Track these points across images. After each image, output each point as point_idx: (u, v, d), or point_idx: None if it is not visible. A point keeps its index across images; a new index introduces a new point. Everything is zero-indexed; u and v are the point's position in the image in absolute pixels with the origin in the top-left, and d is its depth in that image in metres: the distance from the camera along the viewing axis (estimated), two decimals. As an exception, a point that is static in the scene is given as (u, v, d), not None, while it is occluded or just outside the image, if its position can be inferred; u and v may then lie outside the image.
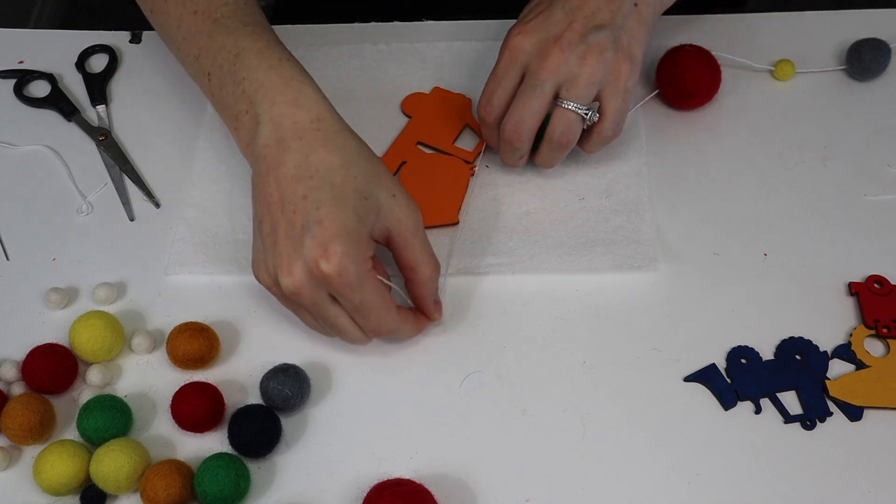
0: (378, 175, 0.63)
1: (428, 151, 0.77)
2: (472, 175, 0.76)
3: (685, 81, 0.77)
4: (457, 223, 0.73)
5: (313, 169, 0.61)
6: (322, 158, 0.62)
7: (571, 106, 0.68)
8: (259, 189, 0.63)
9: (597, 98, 0.69)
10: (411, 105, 0.80)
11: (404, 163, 0.76)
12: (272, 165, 0.62)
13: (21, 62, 0.85)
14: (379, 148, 0.76)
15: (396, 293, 0.66)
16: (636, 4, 0.70)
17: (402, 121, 0.80)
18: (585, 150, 0.73)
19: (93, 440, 0.63)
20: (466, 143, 0.78)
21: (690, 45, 0.78)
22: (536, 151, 0.72)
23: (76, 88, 0.84)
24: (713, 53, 0.78)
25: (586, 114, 0.69)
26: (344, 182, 0.61)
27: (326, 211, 0.60)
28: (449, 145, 0.77)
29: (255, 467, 0.63)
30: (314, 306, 0.62)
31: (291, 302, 0.64)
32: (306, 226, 0.60)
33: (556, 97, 0.69)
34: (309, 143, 0.62)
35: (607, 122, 0.70)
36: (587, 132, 0.71)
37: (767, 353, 0.67)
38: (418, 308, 0.67)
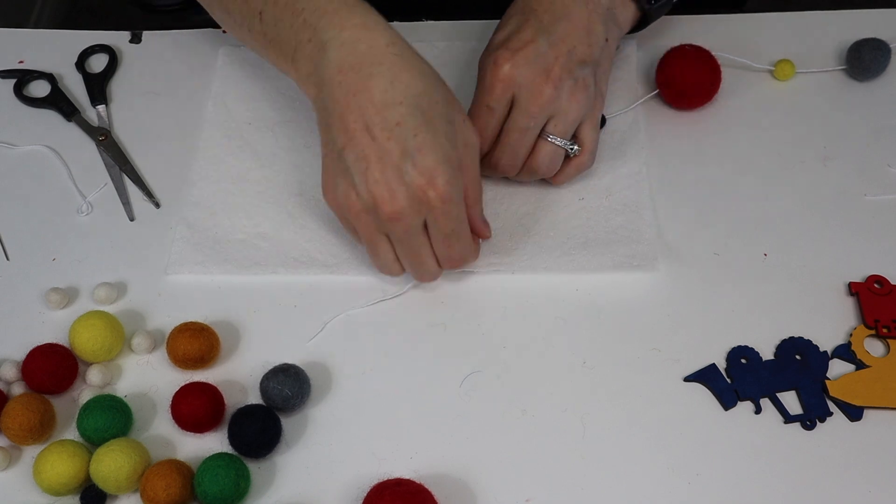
0: (453, 99, 0.64)
1: None
2: None
3: (685, 81, 0.77)
4: None
5: (401, 95, 0.61)
6: (407, 84, 0.62)
7: (558, 141, 0.70)
8: (335, 116, 0.62)
9: (576, 134, 0.71)
10: None
11: None
12: (352, 92, 0.61)
13: (21, 62, 0.85)
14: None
15: None
16: (607, 40, 0.71)
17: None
18: (557, 181, 0.74)
19: (93, 440, 0.63)
20: None
21: (690, 45, 0.78)
22: (516, 174, 0.73)
23: (76, 88, 0.84)
24: (713, 53, 0.78)
25: (571, 148, 0.71)
26: (431, 108, 0.62)
27: (424, 138, 0.61)
28: None
29: (255, 467, 0.63)
30: (407, 233, 0.63)
31: (371, 229, 0.64)
32: (406, 153, 0.61)
33: (542, 130, 0.70)
34: (390, 67, 0.62)
35: (587, 154, 0.72)
36: (564, 164, 0.72)
37: (767, 353, 0.67)
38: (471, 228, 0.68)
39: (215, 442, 0.64)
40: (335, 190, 0.64)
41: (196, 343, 0.66)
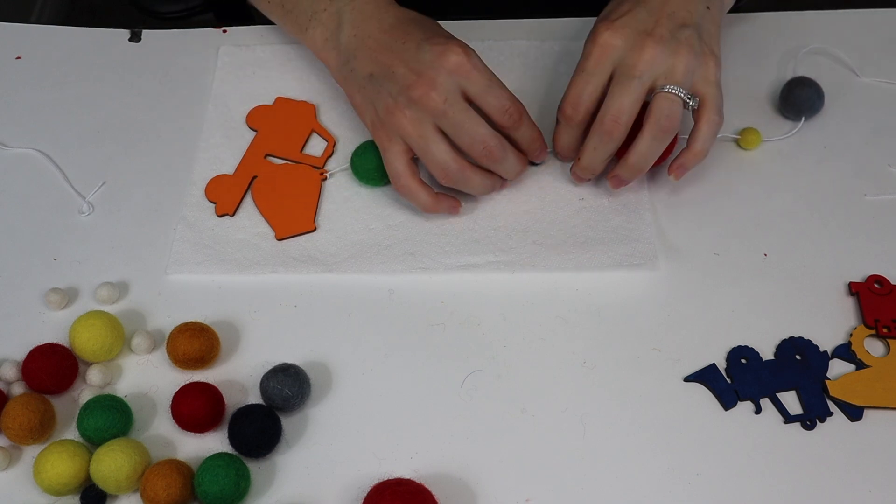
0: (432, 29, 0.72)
1: (278, 162, 0.77)
2: (324, 179, 0.76)
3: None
4: (314, 230, 0.73)
5: (405, 20, 0.72)
6: (407, 13, 0.73)
7: (673, 90, 0.68)
8: (359, 56, 0.72)
9: (693, 92, 0.69)
10: (256, 118, 0.80)
11: (255, 177, 0.76)
12: (365, 36, 0.72)
13: (18, 57, 0.85)
14: (229, 166, 0.77)
15: None
16: (708, 7, 0.71)
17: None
18: (694, 147, 0.70)
19: (93, 440, 0.63)
20: (315, 148, 0.78)
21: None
22: (632, 146, 0.70)
23: (76, 88, 0.84)
24: (713, 53, 0.78)
25: (688, 98, 0.69)
26: (432, 25, 0.73)
27: (432, 31, 0.71)
28: (297, 154, 0.77)
29: (255, 467, 0.63)
30: (448, 104, 0.67)
31: (417, 123, 0.68)
32: (419, 45, 0.69)
33: (652, 89, 0.69)
34: (394, 13, 0.73)
35: (712, 109, 0.70)
36: (696, 125, 0.70)
37: (767, 353, 0.67)
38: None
39: (215, 442, 0.64)
40: (374, 109, 0.71)
41: (196, 343, 0.66)
